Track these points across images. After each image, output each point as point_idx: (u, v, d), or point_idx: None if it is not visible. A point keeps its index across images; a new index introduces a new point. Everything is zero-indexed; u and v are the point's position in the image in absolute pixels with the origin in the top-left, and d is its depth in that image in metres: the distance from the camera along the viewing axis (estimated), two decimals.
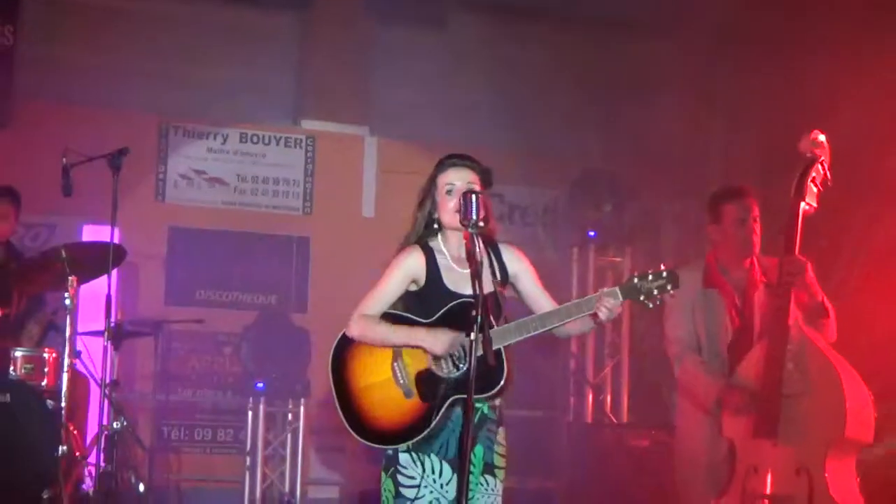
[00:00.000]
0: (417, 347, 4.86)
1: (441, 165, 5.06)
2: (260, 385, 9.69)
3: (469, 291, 4.72)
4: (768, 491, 5.88)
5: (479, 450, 4.91)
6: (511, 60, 11.61)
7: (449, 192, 4.97)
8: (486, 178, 5.03)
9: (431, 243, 5.05)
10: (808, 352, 5.93)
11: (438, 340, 4.81)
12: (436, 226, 5.06)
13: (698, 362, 6.44)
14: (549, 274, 5.25)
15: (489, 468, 4.96)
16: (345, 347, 5.00)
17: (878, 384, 6.05)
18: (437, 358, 4.85)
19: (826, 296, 6.25)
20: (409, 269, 4.99)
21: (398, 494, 4.88)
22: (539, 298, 5.10)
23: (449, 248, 5.03)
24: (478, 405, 4.87)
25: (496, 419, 5.00)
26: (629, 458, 9.64)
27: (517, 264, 5.12)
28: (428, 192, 5.06)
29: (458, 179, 4.97)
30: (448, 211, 4.95)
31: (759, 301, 6.41)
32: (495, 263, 5.02)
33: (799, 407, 5.85)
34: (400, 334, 4.90)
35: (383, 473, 4.95)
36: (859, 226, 8.88)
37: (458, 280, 4.92)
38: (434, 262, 4.99)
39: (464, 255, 4.84)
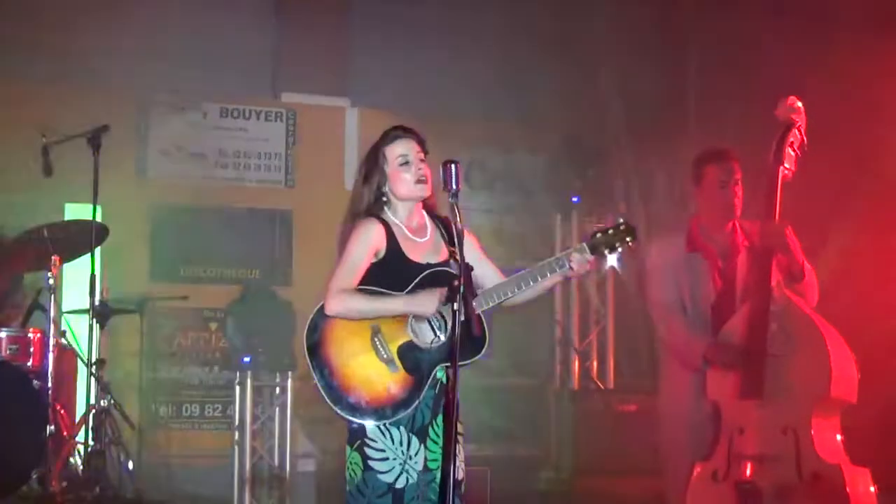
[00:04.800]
0: (408, 314, 4.88)
1: (386, 138, 5.09)
2: (246, 359, 9.66)
3: (430, 260, 4.96)
4: (755, 451, 5.93)
5: (440, 419, 4.93)
6: (489, 28, 11.57)
7: (403, 164, 5.02)
8: (425, 149, 5.10)
9: (384, 216, 5.07)
10: (791, 313, 5.99)
11: (426, 302, 4.85)
12: (384, 199, 5.07)
13: (683, 322, 6.46)
14: (532, 240, 5.30)
15: None
16: (320, 325, 4.98)
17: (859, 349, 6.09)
18: (418, 324, 4.89)
19: (808, 260, 6.28)
20: (371, 239, 4.98)
21: (367, 468, 4.89)
22: (483, 265, 5.14)
23: (400, 219, 5.07)
24: (438, 374, 4.91)
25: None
26: (616, 424, 9.70)
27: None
28: (374, 166, 5.08)
29: (409, 150, 5.03)
30: (405, 182, 5.02)
31: (741, 264, 6.44)
32: (443, 232, 5.11)
33: (784, 367, 5.90)
34: (389, 304, 4.90)
35: (348, 447, 4.96)
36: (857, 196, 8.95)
37: (415, 248, 5.01)
38: (392, 234, 5.01)
39: (415, 224, 5.05)
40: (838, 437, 5.98)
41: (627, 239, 5.01)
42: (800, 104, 6.16)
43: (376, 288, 4.96)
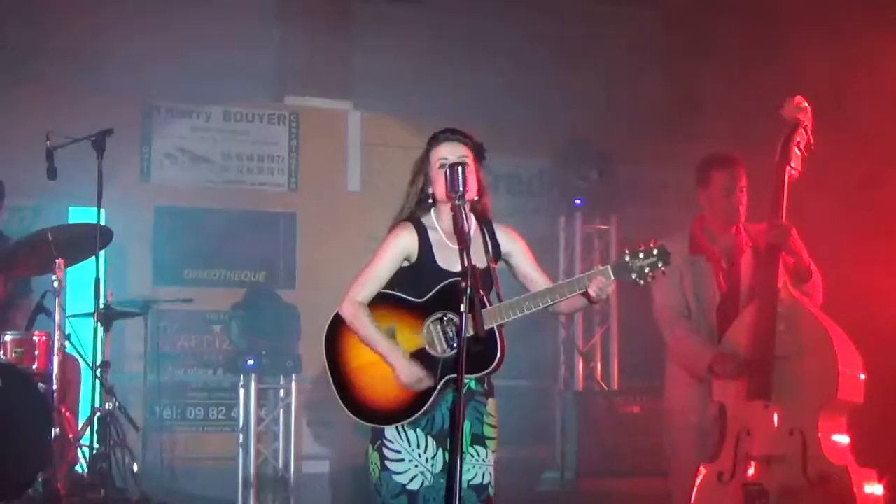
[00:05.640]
0: (390, 365, 4.86)
1: (434, 140, 5.05)
2: (251, 362, 9.67)
3: (460, 268, 4.75)
4: (761, 452, 5.92)
5: (467, 426, 4.90)
6: (491, 31, 11.58)
7: (442, 166, 4.93)
8: (479, 153, 5.03)
9: (424, 219, 5.03)
10: (798, 313, 5.98)
11: (405, 371, 4.82)
12: (430, 201, 5.04)
13: (689, 329, 6.44)
14: (536, 243, 5.25)
15: (479, 439, 4.97)
16: (338, 326, 4.99)
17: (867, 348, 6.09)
18: (433, 332, 4.86)
19: (814, 260, 6.27)
20: (401, 246, 4.97)
21: (384, 468, 4.90)
22: (534, 277, 5.10)
23: (441, 224, 5.01)
24: (465, 380, 4.88)
25: (484, 391, 5.01)
26: (621, 425, 9.69)
27: (510, 243, 5.12)
28: (421, 167, 5.05)
29: (451, 153, 4.95)
30: (441, 184, 4.91)
31: (745, 266, 6.42)
32: (488, 239, 5.01)
33: (791, 368, 5.89)
34: (380, 346, 4.88)
35: (370, 447, 4.97)
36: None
37: (450, 257, 4.91)
38: (426, 239, 4.97)
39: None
40: (845, 438, 5.98)
41: (660, 265, 4.73)
42: (806, 104, 6.17)
43: (401, 295, 4.95)
